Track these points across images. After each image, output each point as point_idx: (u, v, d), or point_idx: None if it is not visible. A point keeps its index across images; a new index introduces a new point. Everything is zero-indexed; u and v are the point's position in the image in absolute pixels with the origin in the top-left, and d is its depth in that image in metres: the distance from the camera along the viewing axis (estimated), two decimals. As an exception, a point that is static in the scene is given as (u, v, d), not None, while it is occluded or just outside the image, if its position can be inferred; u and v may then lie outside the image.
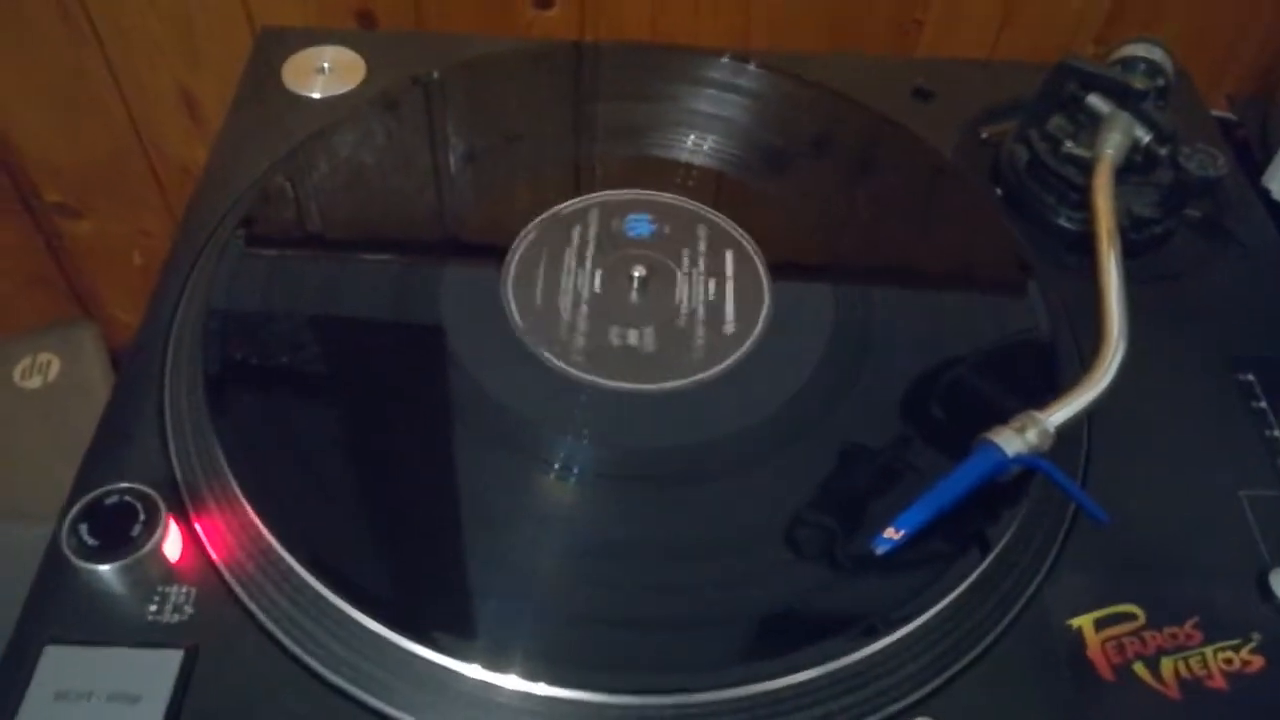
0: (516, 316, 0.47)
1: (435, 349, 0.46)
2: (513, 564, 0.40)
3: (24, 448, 0.68)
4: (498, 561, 0.40)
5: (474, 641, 0.37)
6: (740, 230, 0.52)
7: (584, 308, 0.48)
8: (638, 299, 0.49)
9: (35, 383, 0.73)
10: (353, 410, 0.44)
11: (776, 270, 0.50)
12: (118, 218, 0.80)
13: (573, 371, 0.45)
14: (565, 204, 0.52)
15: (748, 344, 0.47)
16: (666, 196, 0.53)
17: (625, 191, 0.53)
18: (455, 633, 0.37)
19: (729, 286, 0.49)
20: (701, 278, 0.50)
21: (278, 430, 0.43)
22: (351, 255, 0.50)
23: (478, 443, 0.43)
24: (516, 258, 0.50)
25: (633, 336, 0.47)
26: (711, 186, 0.54)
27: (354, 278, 0.49)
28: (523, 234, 0.51)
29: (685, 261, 0.50)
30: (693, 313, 0.48)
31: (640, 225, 0.50)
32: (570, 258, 0.50)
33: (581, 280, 0.49)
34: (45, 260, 0.83)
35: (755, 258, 0.51)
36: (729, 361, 0.46)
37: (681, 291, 0.49)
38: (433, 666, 0.36)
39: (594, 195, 0.53)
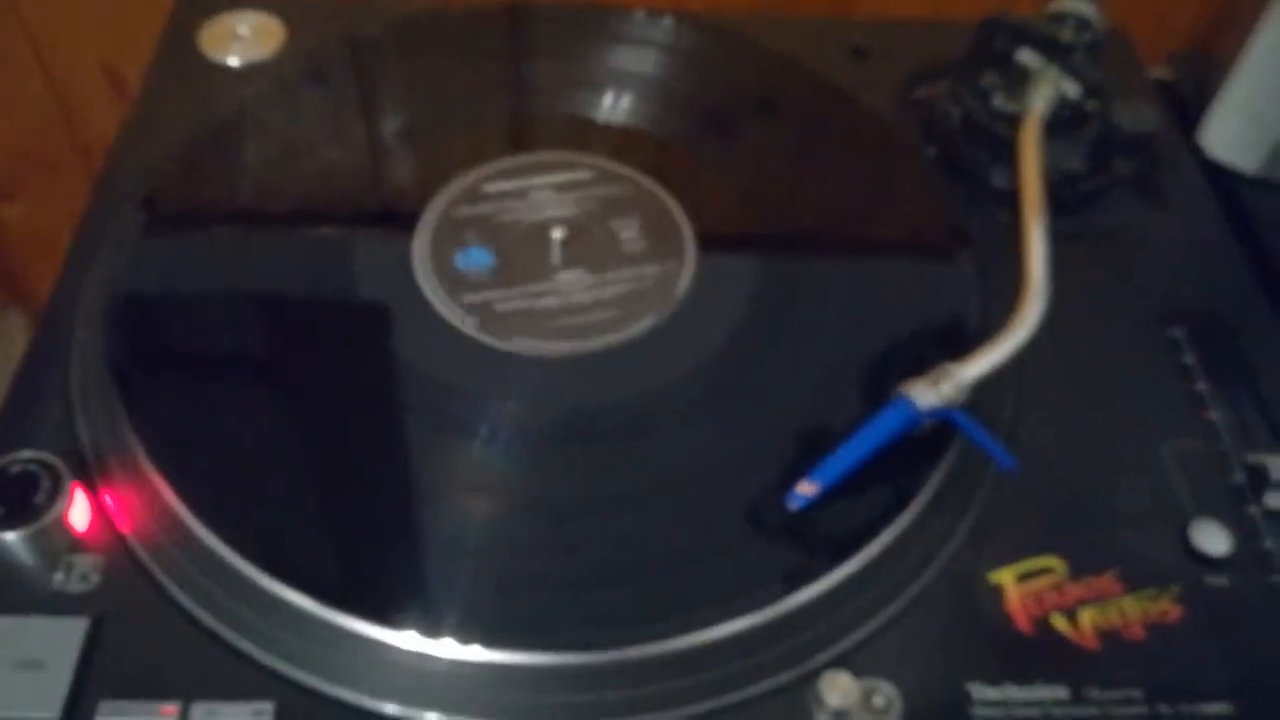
0: (425, 280, 0.47)
1: (344, 315, 0.46)
2: (430, 529, 0.39)
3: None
4: (414, 527, 0.39)
5: (393, 607, 0.36)
6: (664, 190, 0.51)
7: (501, 273, 0.47)
8: (559, 260, 0.48)
9: (-35, 365, 0.72)
10: (262, 379, 0.44)
11: (701, 229, 0.50)
12: (46, 200, 0.79)
13: (482, 338, 0.45)
14: (475, 170, 0.51)
15: (670, 303, 0.47)
16: (584, 158, 0.52)
17: (536, 155, 0.52)
18: (368, 598, 0.36)
19: (649, 245, 0.49)
20: (623, 237, 0.49)
21: (185, 400, 0.42)
22: (258, 226, 0.49)
23: (392, 407, 0.42)
24: (430, 225, 0.49)
25: (551, 299, 0.46)
26: (632, 146, 0.54)
27: (262, 248, 0.48)
28: (433, 202, 0.50)
29: (605, 221, 0.50)
30: (614, 271, 0.48)
31: (479, 256, 0.49)
32: (486, 222, 0.49)
33: (499, 244, 0.48)
34: (-29, 245, 0.82)
35: (680, 218, 0.50)
36: (650, 320, 0.46)
37: (603, 251, 0.48)
38: (341, 630, 0.36)
39: (506, 160, 0.52)
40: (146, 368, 0.42)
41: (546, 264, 0.48)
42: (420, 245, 0.48)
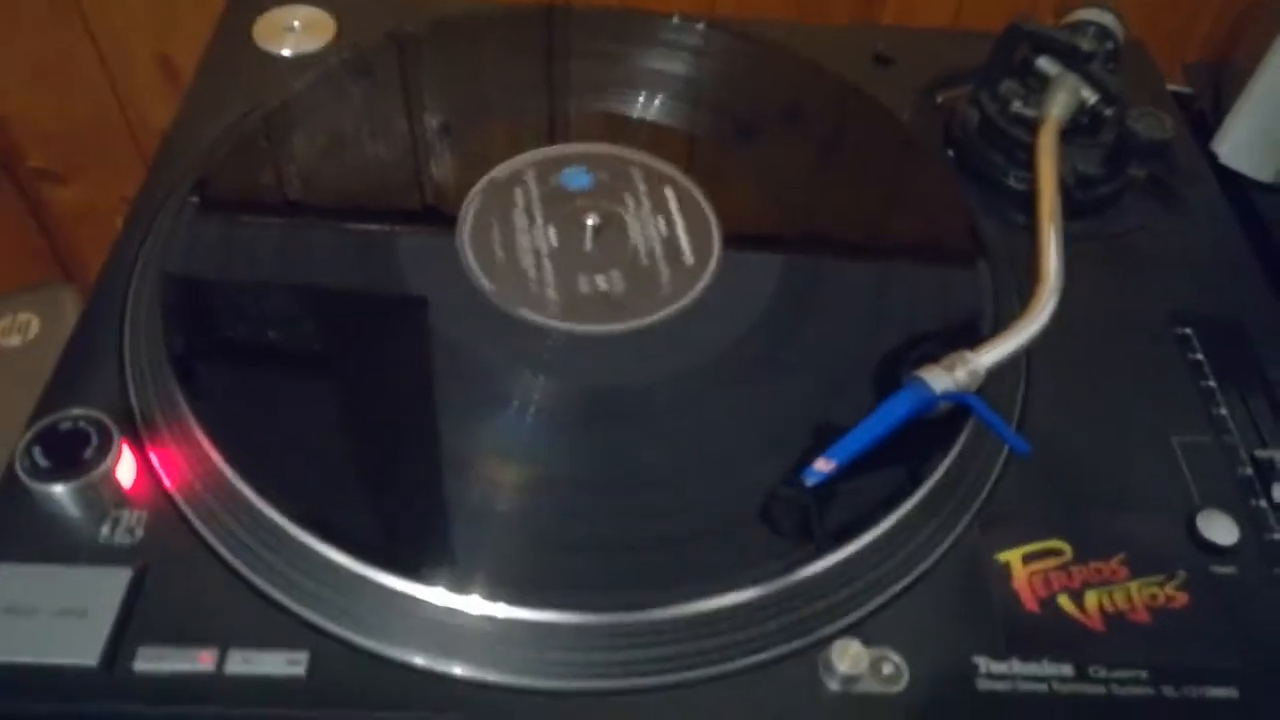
0: (471, 259, 0.48)
1: (384, 289, 0.48)
2: (461, 493, 0.41)
3: (2, 405, 0.70)
4: (445, 490, 0.41)
5: (424, 564, 0.38)
6: (694, 185, 0.53)
7: (545, 261, 0.49)
8: (591, 246, 0.50)
9: (15, 341, 0.74)
10: (304, 349, 0.46)
11: (728, 223, 0.51)
12: (100, 184, 0.82)
13: (516, 314, 0.46)
14: (506, 162, 0.53)
15: (701, 290, 0.48)
16: (617, 150, 0.54)
17: (564, 146, 0.54)
18: (401, 555, 0.38)
19: (679, 236, 0.50)
20: (652, 228, 0.51)
21: (231, 365, 0.44)
22: (305, 206, 0.52)
23: (427, 378, 0.44)
24: (470, 217, 0.51)
25: (583, 283, 0.48)
26: (662, 143, 0.55)
27: (308, 226, 0.50)
28: (470, 195, 0.52)
29: (636, 211, 0.51)
30: (644, 259, 0.49)
31: (579, 178, 0.51)
32: (519, 216, 0.51)
33: (537, 235, 0.50)
34: (28, 225, 0.84)
35: (709, 212, 0.52)
36: (680, 306, 0.48)
37: (633, 239, 0.50)
38: (374, 585, 0.37)
39: (534, 153, 0.54)
40: (196, 335, 0.44)
41: (580, 249, 0.50)
42: (462, 228, 0.50)
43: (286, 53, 0.58)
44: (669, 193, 0.52)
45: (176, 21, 0.72)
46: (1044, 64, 0.54)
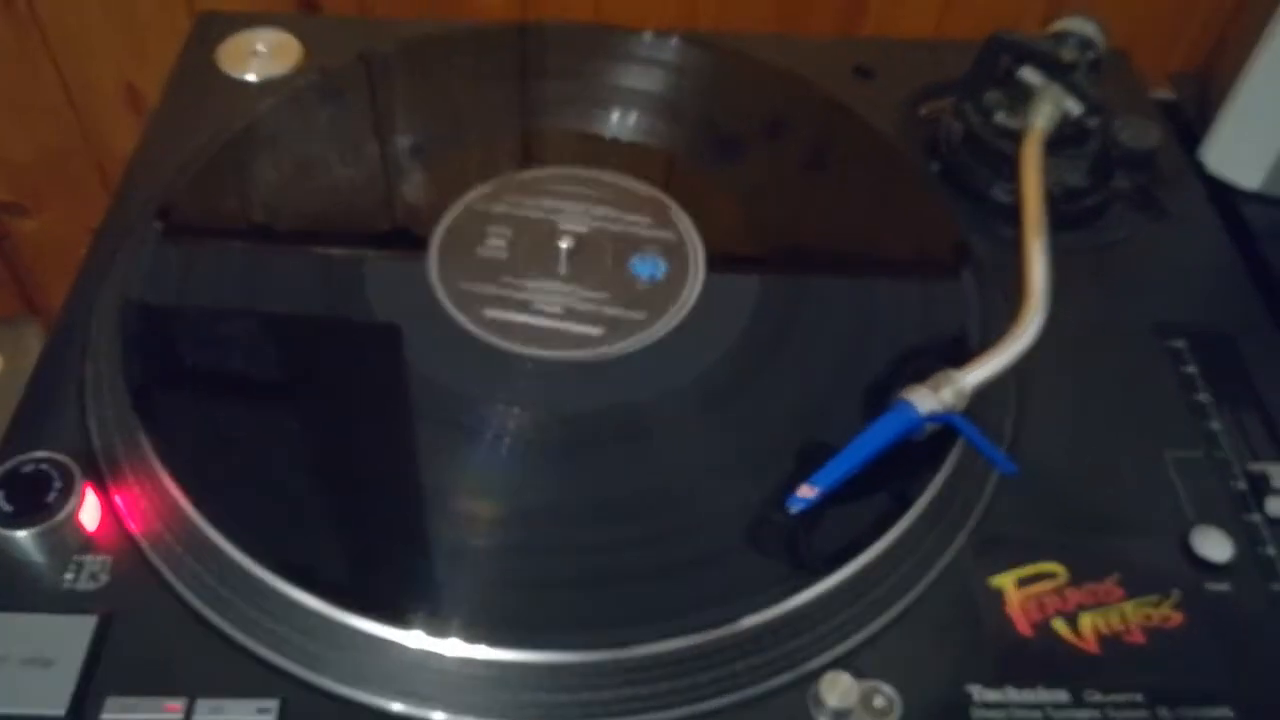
0: (433, 286, 0.47)
1: (352, 322, 0.47)
2: (436, 531, 0.40)
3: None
4: (420, 528, 0.40)
5: (400, 607, 0.37)
6: (673, 203, 0.52)
7: (518, 287, 0.48)
8: (566, 270, 0.49)
9: (-22, 378, 0.73)
10: (271, 386, 0.45)
11: (708, 241, 0.50)
12: (66, 215, 0.80)
13: (489, 344, 0.45)
14: (478, 187, 0.52)
15: (679, 312, 0.47)
16: (592, 173, 0.53)
17: (545, 169, 0.53)
18: (376, 597, 0.37)
19: (657, 257, 0.49)
20: (630, 250, 0.50)
21: (195, 404, 0.43)
22: (271, 235, 0.50)
23: (397, 412, 0.43)
24: (440, 243, 0.50)
25: (558, 308, 0.47)
26: (639, 162, 0.54)
27: (274, 257, 0.49)
28: (441, 220, 0.51)
29: (612, 233, 0.50)
30: (622, 282, 0.48)
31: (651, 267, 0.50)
32: (491, 240, 0.50)
33: (509, 260, 0.49)
34: (-8, 260, 0.83)
35: (688, 231, 0.51)
36: (657, 329, 0.46)
37: (610, 262, 0.49)
38: (347, 629, 0.36)
39: (506, 177, 0.53)
40: (159, 373, 0.43)
41: (555, 273, 0.49)
42: (431, 255, 0.49)
43: (252, 78, 0.57)
44: (647, 213, 0.51)
45: (142, 50, 0.71)
46: (1027, 75, 0.53)
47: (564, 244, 0.49)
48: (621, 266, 0.49)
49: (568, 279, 0.48)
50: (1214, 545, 0.41)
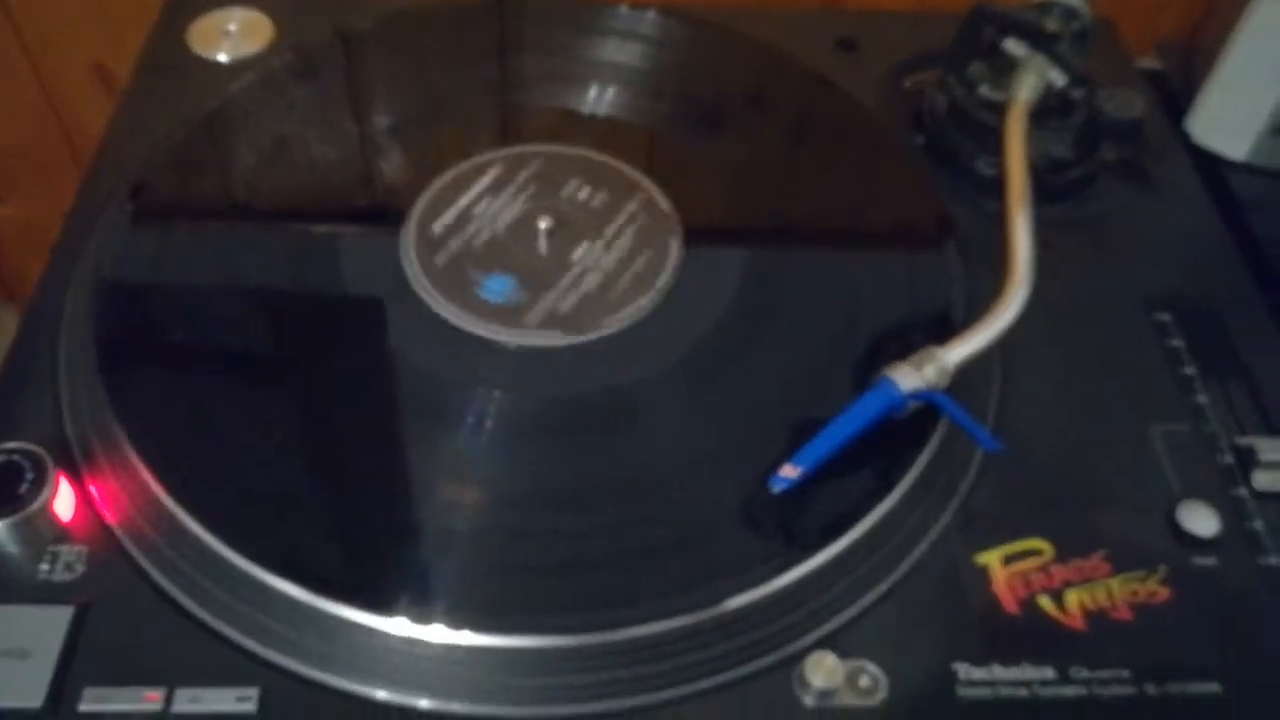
0: (410, 269, 0.47)
1: (330, 305, 0.46)
2: (418, 516, 0.39)
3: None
4: (401, 514, 0.39)
5: (382, 594, 0.36)
6: (652, 181, 0.51)
7: (498, 269, 0.47)
8: (546, 251, 0.48)
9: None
10: (248, 369, 0.44)
11: (688, 219, 0.50)
12: (38, 199, 0.79)
13: (468, 328, 0.45)
14: (463, 161, 0.51)
15: (658, 292, 0.47)
16: (571, 149, 0.53)
17: (523, 147, 0.53)
18: (358, 585, 0.37)
19: (636, 235, 0.49)
20: (610, 228, 0.49)
21: (169, 389, 0.42)
22: (245, 216, 0.50)
23: (377, 396, 0.43)
24: (417, 224, 0.49)
25: (538, 289, 0.46)
26: (618, 138, 0.54)
27: (249, 238, 0.49)
28: (417, 202, 0.50)
29: (592, 211, 0.50)
30: (601, 262, 0.48)
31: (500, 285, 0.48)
32: (470, 222, 0.49)
33: (488, 242, 0.48)
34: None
35: (667, 208, 0.50)
36: (638, 309, 0.46)
37: (589, 241, 0.49)
38: (328, 616, 0.36)
39: (486, 154, 0.52)
40: (132, 357, 0.43)
41: (534, 254, 0.48)
42: (407, 236, 0.48)
43: (223, 58, 0.56)
44: (626, 190, 0.51)
45: (111, 29, 0.69)
46: (1011, 46, 0.52)
47: (543, 224, 0.48)
48: (597, 244, 0.48)
49: (546, 259, 0.48)
50: (1200, 520, 0.41)
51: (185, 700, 0.35)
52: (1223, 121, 0.56)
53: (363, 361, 0.44)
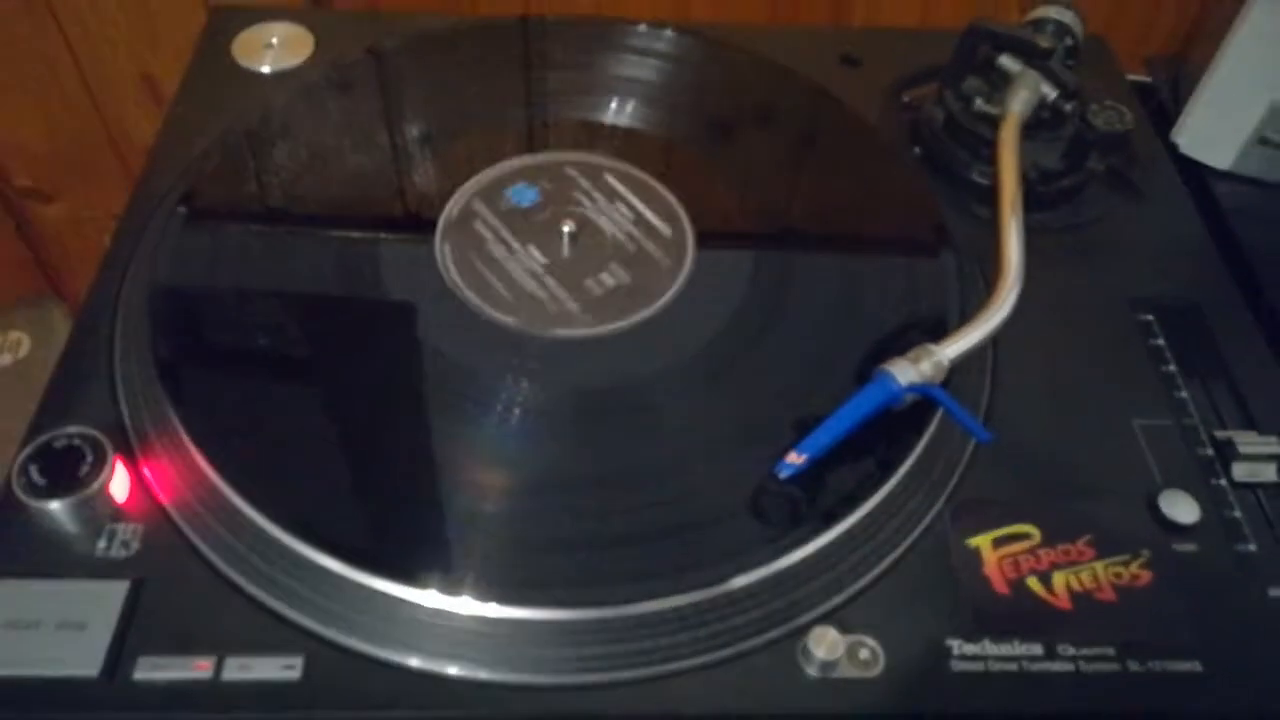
0: (451, 272, 0.50)
1: (370, 299, 0.49)
2: (450, 496, 0.42)
3: (-5, 423, 0.70)
4: (434, 494, 0.42)
5: (416, 568, 0.39)
6: (665, 188, 0.54)
7: (523, 264, 0.50)
8: (569, 251, 0.51)
9: (6, 360, 0.75)
10: (292, 360, 0.47)
11: (699, 225, 0.53)
12: (87, 201, 0.83)
13: (499, 320, 0.48)
14: (490, 168, 0.54)
15: (673, 292, 0.49)
16: (591, 158, 0.55)
17: (546, 154, 0.56)
18: (393, 559, 0.39)
19: (652, 239, 0.52)
20: (627, 232, 0.52)
21: (220, 378, 0.45)
22: (290, 219, 0.53)
23: (412, 386, 0.45)
24: (449, 225, 0.52)
25: (561, 287, 0.49)
26: (634, 148, 0.57)
27: (293, 239, 0.52)
28: (449, 204, 0.53)
29: (612, 217, 0.53)
30: (620, 263, 0.51)
31: (522, 194, 0.53)
32: (496, 222, 0.52)
33: (513, 242, 0.51)
34: (16, 243, 0.85)
35: (680, 214, 0.53)
36: (653, 308, 0.49)
37: (609, 244, 0.51)
38: (367, 589, 0.39)
39: (518, 160, 0.55)
40: (184, 350, 0.45)
41: (558, 255, 0.51)
42: (440, 236, 0.51)
43: (266, 69, 0.59)
44: (643, 196, 0.54)
45: (156, 41, 0.73)
46: (1005, 62, 0.55)
47: (566, 228, 0.51)
48: (617, 251, 0.51)
49: (569, 260, 0.51)
50: (1181, 508, 0.43)
51: (234, 668, 0.37)
52: (1208, 133, 0.59)
53: (399, 354, 0.47)
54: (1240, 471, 0.45)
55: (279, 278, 0.49)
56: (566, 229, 0.51)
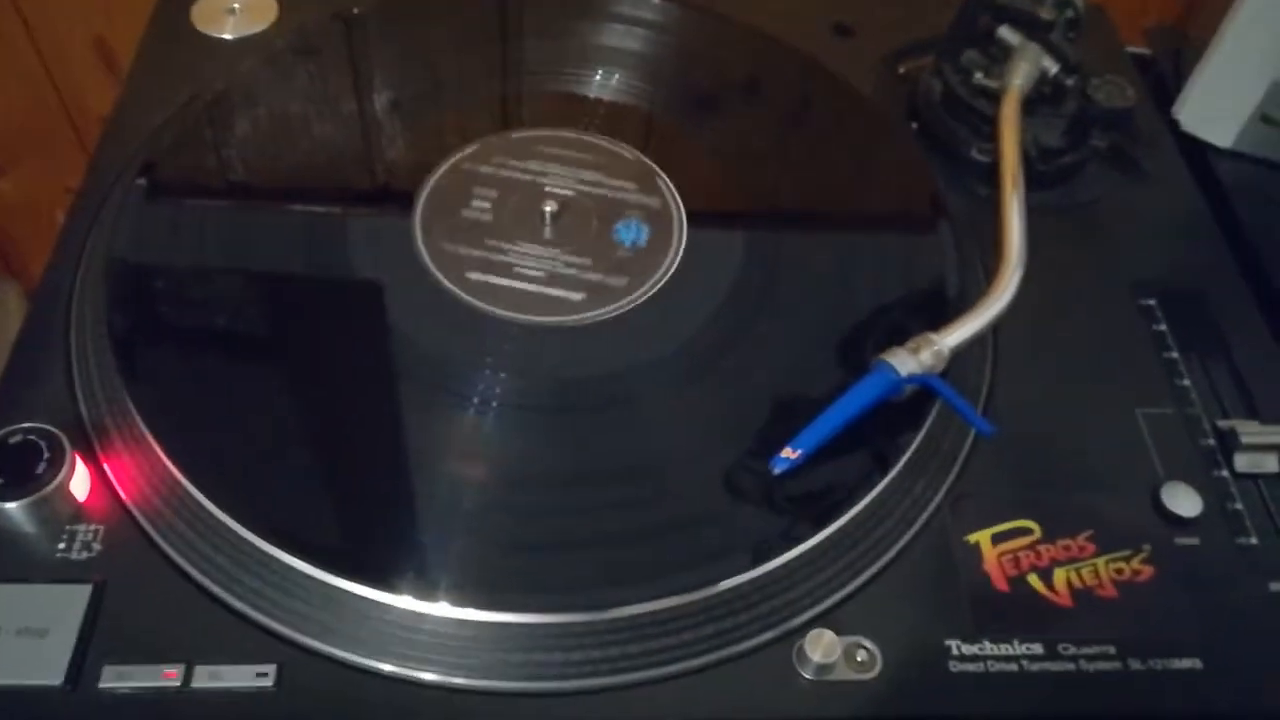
0: (425, 254, 0.47)
1: (338, 285, 0.46)
2: (424, 496, 0.40)
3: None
4: (408, 493, 0.40)
5: (390, 572, 0.37)
6: (652, 164, 0.52)
7: (500, 249, 0.48)
8: (550, 234, 0.49)
9: (-41, 339, 0.72)
10: (259, 349, 0.45)
11: (688, 202, 0.51)
12: (40, 174, 0.80)
13: (474, 307, 0.46)
14: (466, 146, 0.52)
15: (660, 276, 0.48)
16: (572, 134, 0.53)
17: (525, 131, 0.53)
18: (367, 562, 0.38)
19: (638, 218, 0.50)
20: (612, 211, 0.50)
21: (183, 368, 0.43)
22: (254, 195, 0.50)
23: (384, 376, 0.43)
24: (424, 204, 0.49)
25: (541, 270, 0.47)
26: (618, 122, 0.54)
27: (258, 217, 0.49)
28: (423, 182, 0.50)
29: (595, 195, 0.51)
30: (604, 244, 0.48)
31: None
32: (474, 201, 0.50)
33: (490, 222, 0.49)
34: (-34, 221, 0.82)
35: (668, 191, 0.51)
36: (640, 292, 0.47)
37: (593, 225, 0.49)
38: (341, 594, 0.37)
39: (496, 137, 0.53)
40: (145, 336, 0.43)
41: (539, 236, 0.49)
42: (415, 216, 0.49)
43: (228, 36, 0.56)
44: (629, 175, 0.51)
45: (113, 6, 0.69)
46: (1005, 34, 0.53)
47: (548, 207, 0.49)
48: (605, 231, 0.49)
49: (551, 243, 0.48)
50: (1183, 500, 0.42)
51: (204, 677, 0.36)
52: (1210, 111, 0.57)
53: (371, 341, 0.45)
54: (1242, 462, 0.44)
55: (244, 257, 0.47)
56: (548, 209, 0.49)
